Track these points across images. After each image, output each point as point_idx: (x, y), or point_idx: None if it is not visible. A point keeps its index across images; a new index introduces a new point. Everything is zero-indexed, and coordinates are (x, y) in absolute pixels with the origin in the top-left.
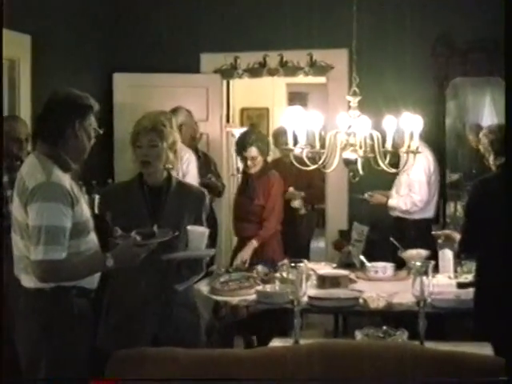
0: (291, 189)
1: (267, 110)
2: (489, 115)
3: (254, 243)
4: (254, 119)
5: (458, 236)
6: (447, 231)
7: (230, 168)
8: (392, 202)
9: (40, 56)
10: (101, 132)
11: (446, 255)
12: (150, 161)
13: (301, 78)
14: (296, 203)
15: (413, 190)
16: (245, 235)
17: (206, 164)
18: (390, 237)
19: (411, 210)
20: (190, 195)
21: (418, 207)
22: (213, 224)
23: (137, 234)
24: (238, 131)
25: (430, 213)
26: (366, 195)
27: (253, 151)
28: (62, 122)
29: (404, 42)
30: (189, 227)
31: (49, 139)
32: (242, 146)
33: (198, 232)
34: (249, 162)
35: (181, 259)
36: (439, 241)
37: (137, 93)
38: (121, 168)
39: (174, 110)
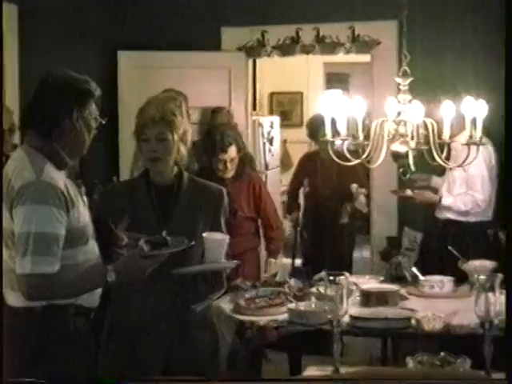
0: (354, 185)
1: (301, 94)
2: None
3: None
4: (286, 105)
5: None
6: None
7: (258, 164)
8: (447, 201)
9: (29, 30)
10: (103, 122)
11: None
12: (159, 156)
13: (341, 57)
14: (358, 203)
15: (474, 188)
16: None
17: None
18: (448, 245)
19: (472, 210)
20: (206, 195)
21: (481, 208)
22: None
23: (145, 243)
24: (266, 120)
25: (488, 214)
26: (408, 191)
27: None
28: (57, 110)
29: (466, 13)
30: (205, 234)
31: (41, 130)
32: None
33: (216, 239)
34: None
35: (196, 273)
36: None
37: (145, 75)
38: (127, 164)
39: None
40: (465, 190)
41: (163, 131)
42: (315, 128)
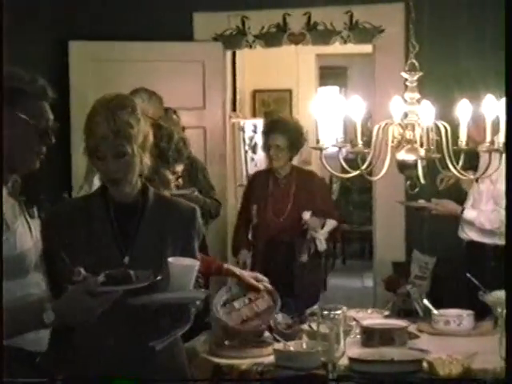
0: (307, 214)
1: (290, 92)
2: None
3: None
4: (272, 106)
5: None
6: None
7: (239, 176)
8: (469, 215)
9: None
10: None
11: None
12: (119, 177)
13: (337, 47)
14: (317, 238)
15: (501, 204)
16: None
17: (190, 172)
18: (467, 272)
19: (498, 230)
20: (175, 213)
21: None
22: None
23: (105, 277)
24: (248, 123)
25: None
26: (422, 201)
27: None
28: None
29: None
30: (170, 259)
31: None
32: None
33: (184, 266)
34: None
35: (159, 304)
36: None
37: (102, 69)
38: (81, 176)
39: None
40: (493, 207)
41: (120, 145)
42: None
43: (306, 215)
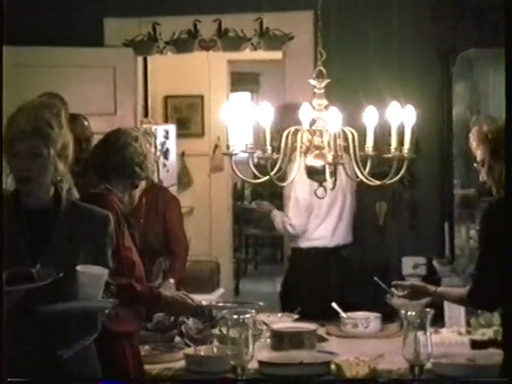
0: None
1: (201, 98)
2: None
3: None
4: (184, 111)
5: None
6: (413, 283)
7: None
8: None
9: None
10: None
11: None
12: (30, 176)
13: (247, 54)
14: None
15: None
16: None
17: None
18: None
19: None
20: (88, 220)
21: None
22: None
23: (8, 276)
24: (160, 129)
25: None
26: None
27: None
28: None
29: (391, 5)
30: (78, 267)
31: None
32: None
33: (92, 274)
34: None
35: (67, 313)
36: (396, 294)
37: (14, 75)
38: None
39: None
40: None
41: (37, 145)
42: None
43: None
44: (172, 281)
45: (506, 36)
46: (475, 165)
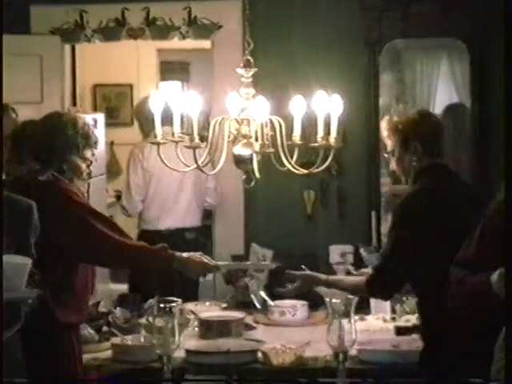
0: None
1: (130, 87)
2: (443, 92)
3: None
4: (112, 100)
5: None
6: (303, 272)
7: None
8: None
9: None
10: None
11: None
12: None
13: (176, 43)
14: None
15: None
16: None
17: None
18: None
19: None
20: (11, 209)
21: None
22: None
23: None
24: (88, 118)
25: None
26: None
27: None
28: None
29: None
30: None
31: None
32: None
33: (15, 264)
34: None
35: None
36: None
37: None
38: None
39: None
40: None
41: None
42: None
43: None
44: None
45: (506, 36)
46: (385, 155)
